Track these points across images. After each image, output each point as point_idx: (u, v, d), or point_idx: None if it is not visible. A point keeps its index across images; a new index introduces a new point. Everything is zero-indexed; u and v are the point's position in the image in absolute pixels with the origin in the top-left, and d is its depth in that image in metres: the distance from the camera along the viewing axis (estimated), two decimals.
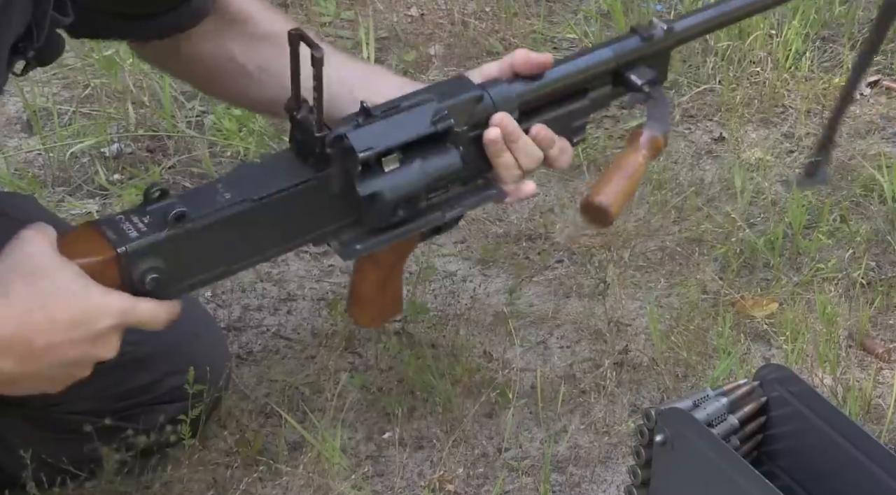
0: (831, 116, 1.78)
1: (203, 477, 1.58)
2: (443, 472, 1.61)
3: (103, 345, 1.25)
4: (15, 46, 1.29)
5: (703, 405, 1.35)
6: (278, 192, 1.32)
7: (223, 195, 1.31)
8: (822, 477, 1.34)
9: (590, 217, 1.43)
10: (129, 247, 1.25)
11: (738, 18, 1.63)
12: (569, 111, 1.48)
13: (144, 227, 1.26)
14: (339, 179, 1.34)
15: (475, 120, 1.41)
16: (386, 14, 2.62)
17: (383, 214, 1.37)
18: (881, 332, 1.86)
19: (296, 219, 1.35)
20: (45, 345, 1.21)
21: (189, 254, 1.29)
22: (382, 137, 1.34)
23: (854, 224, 2.05)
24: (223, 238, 1.31)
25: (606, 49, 1.48)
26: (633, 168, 1.43)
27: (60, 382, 1.27)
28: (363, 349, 1.80)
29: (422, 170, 1.37)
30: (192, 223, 1.27)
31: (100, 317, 1.24)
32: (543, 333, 1.86)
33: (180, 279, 1.30)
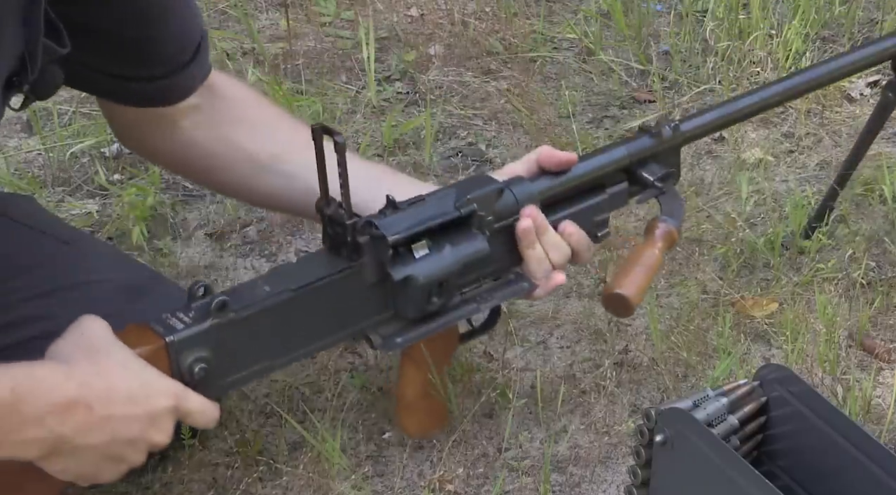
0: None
1: (203, 477, 1.58)
2: (443, 472, 1.61)
3: (159, 428, 1.27)
4: (9, 80, 1.29)
5: (703, 405, 1.35)
6: (316, 282, 1.39)
7: (263, 288, 1.38)
8: (822, 477, 1.34)
9: (612, 307, 1.52)
10: (178, 337, 1.31)
11: (738, 119, 1.74)
12: (589, 206, 1.57)
13: (190, 321, 1.33)
14: (373, 267, 1.41)
15: (499, 212, 1.48)
16: (386, 14, 2.62)
17: (418, 301, 1.43)
18: (881, 332, 1.86)
19: (334, 311, 1.41)
20: (104, 415, 1.23)
21: (233, 344, 1.35)
22: (410, 223, 1.41)
23: (854, 224, 2.05)
24: (265, 329, 1.37)
25: (621, 148, 1.59)
26: (650, 261, 1.53)
27: (112, 467, 1.27)
28: (363, 349, 1.80)
29: (452, 255, 1.44)
30: (235, 313, 1.34)
31: (158, 395, 1.27)
32: (543, 333, 1.86)
33: (226, 372, 1.36)
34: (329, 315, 1.42)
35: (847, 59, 1.79)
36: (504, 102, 2.37)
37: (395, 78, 2.47)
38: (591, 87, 2.45)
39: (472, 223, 1.46)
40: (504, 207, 1.49)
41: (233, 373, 1.37)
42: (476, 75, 2.45)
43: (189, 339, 1.32)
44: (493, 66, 2.48)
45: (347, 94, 2.39)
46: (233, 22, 2.62)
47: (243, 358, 1.37)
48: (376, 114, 2.34)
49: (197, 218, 2.08)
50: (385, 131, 2.24)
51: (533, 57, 2.51)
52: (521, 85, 2.41)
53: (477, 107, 2.38)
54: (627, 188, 1.60)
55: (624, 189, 1.60)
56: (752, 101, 1.71)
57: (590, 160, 1.58)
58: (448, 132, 2.32)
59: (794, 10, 2.52)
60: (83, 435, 1.23)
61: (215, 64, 1.58)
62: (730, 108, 1.69)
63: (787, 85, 1.75)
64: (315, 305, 1.40)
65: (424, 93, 2.40)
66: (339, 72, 2.46)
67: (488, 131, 2.32)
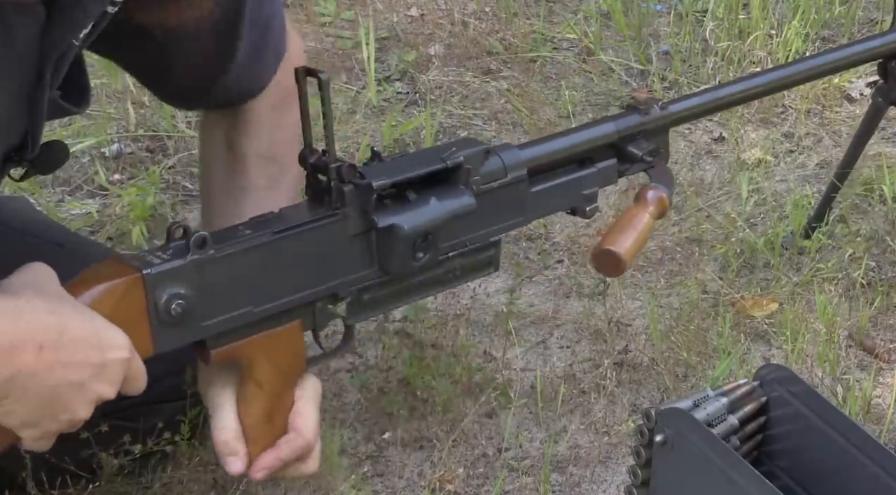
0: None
1: (203, 477, 1.58)
2: (443, 472, 1.61)
3: (108, 380, 1.23)
4: (8, 155, 1.28)
5: (703, 405, 1.35)
6: (297, 226, 1.35)
7: (244, 231, 1.34)
8: (822, 477, 1.34)
9: (601, 264, 1.48)
10: (155, 271, 1.26)
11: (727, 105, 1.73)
12: (578, 178, 1.54)
13: (168, 257, 1.28)
14: (357, 216, 1.37)
15: (486, 175, 1.45)
16: (386, 14, 2.63)
17: (403, 254, 1.39)
18: (881, 332, 1.86)
19: (316, 260, 1.37)
20: (54, 357, 1.18)
21: (212, 284, 1.30)
22: (395, 172, 1.37)
23: (854, 224, 2.05)
24: (244, 271, 1.32)
25: (609, 123, 1.57)
26: (641, 223, 1.49)
27: (55, 415, 1.22)
28: (363, 349, 1.80)
29: (438, 207, 1.40)
30: (214, 251, 1.29)
31: (113, 345, 1.22)
32: (543, 333, 1.86)
33: (204, 314, 1.31)
34: (310, 264, 1.37)
35: (840, 54, 1.79)
36: (504, 102, 2.38)
37: (395, 78, 2.47)
38: (591, 87, 2.45)
39: (460, 178, 1.42)
40: (491, 170, 1.46)
41: (211, 316, 1.31)
42: (476, 75, 2.45)
43: (167, 274, 1.27)
44: (493, 66, 2.48)
45: (347, 94, 2.39)
46: None
47: (222, 300, 1.32)
48: (376, 114, 2.34)
49: (197, 218, 2.08)
50: (385, 131, 2.24)
51: (533, 57, 2.51)
52: (521, 85, 2.41)
53: (477, 107, 2.38)
54: (617, 164, 1.57)
55: (613, 164, 1.57)
56: (742, 87, 1.70)
57: (578, 132, 1.57)
58: (448, 132, 2.32)
59: (794, 10, 2.53)
60: (32, 376, 1.17)
61: None
62: (719, 93, 1.68)
63: (778, 74, 1.74)
64: (296, 252, 1.35)
65: (424, 93, 2.40)
66: (339, 72, 2.46)
67: (488, 131, 2.32)
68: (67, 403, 1.22)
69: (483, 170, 1.45)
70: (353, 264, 1.40)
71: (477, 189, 1.44)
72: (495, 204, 1.47)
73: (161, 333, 1.28)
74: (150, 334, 1.27)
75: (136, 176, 2.13)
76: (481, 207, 1.44)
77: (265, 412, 1.40)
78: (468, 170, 1.42)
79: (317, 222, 1.36)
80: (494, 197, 1.47)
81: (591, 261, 1.51)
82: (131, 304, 1.26)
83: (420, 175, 1.39)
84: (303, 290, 1.38)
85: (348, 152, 2.18)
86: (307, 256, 1.37)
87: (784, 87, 1.81)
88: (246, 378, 1.39)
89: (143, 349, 1.27)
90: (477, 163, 1.44)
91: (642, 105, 1.58)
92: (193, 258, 1.28)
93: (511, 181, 1.47)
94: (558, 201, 1.55)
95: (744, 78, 1.75)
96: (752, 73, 1.75)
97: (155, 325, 1.27)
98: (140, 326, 1.26)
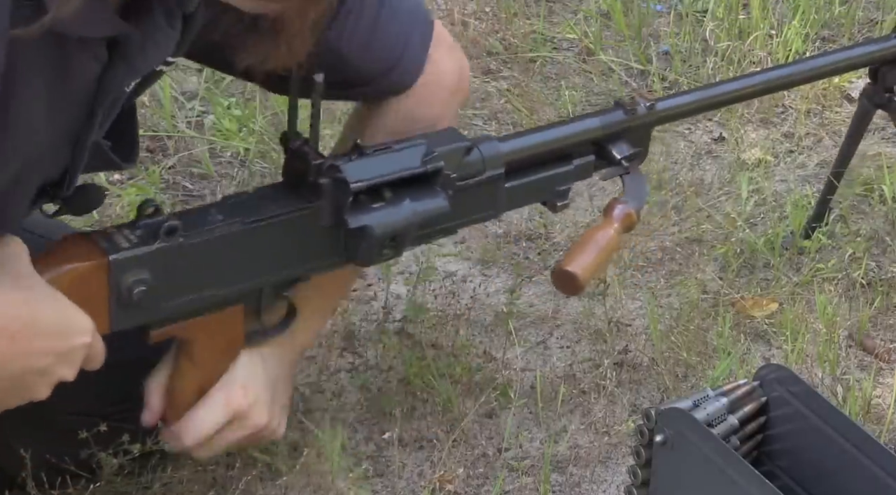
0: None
1: (203, 477, 1.58)
2: (443, 472, 1.61)
3: (70, 363, 1.24)
4: (44, 188, 1.28)
5: (703, 405, 1.35)
6: (269, 218, 1.35)
7: (216, 216, 1.33)
8: (822, 477, 1.34)
9: (560, 284, 1.48)
10: (121, 256, 1.27)
11: (716, 105, 1.74)
12: (553, 174, 1.53)
13: (136, 240, 1.28)
14: (330, 211, 1.36)
15: (465, 170, 1.44)
16: None
17: (370, 251, 1.38)
18: (881, 332, 1.86)
19: (284, 249, 1.37)
20: (25, 347, 1.19)
21: (177, 270, 1.30)
22: (374, 171, 1.37)
23: (854, 224, 2.05)
24: (210, 258, 1.32)
25: (594, 119, 1.56)
26: (605, 240, 1.50)
27: (16, 396, 1.24)
28: (363, 349, 1.80)
29: (411, 210, 1.39)
30: (183, 238, 1.29)
31: (77, 332, 1.24)
32: (543, 333, 1.86)
33: (165, 297, 1.31)
34: (278, 252, 1.37)
35: (834, 58, 1.79)
36: (504, 102, 2.37)
37: None
38: (591, 87, 2.45)
39: (437, 180, 1.41)
40: (470, 165, 1.45)
41: (172, 299, 1.32)
42: (476, 75, 2.45)
43: (132, 260, 1.27)
44: (493, 66, 2.48)
45: None
46: None
47: (185, 284, 1.32)
48: None
49: None
50: None
51: (533, 57, 2.51)
52: (521, 85, 2.41)
53: (477, 107, 2.38)
54: (594, 161, 1.56)
55: (590, 161, 1.56)
56: (731, 87, 1.70)
57: (561, 127, 1.57)
58: None
59: (794, 10, 2.52)
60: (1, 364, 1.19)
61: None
62: (708, 93, 1.68)
63: (770, 75, 1.74)
64: (265, 240, 1.35)
65: None
66: None
67: (488, 131, 2.32)
68: (29, 386, 1.24)
69: (462, 168, 1.44)
70: (321, 253, 1.40)
71: (453, 188, 1.43)
72: (469, 199, 1.47)
73: (119, 314, 1.29)
74: (107, 315, 1.29)
75: (136, 176, 2.13)
76: (454, 203, 1.43)
77: (197, 387, 1.41)
78: (447, 175, 1.42)
79: (289, 213, 1.36)
80: (469, 193, 1.46)
81: (552, 278, 1.50)
82: (94, 287, 1.27)
83: (398, 178, 1.38)
84: (267, 276, 1.39)
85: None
86: (275, 245, 1.37)
87: (777, 88, 1.81)
88: (182, 354, 1.40)
89: (99, 327, 1.28)
90: (456, 161, 1.43)
91: (628, 102, 1.57)
92: (161, 246, 1.28)
93: (487, 179, 1.47)
94: (530, 196, 1.54)
95: (735, 78, 1.75)
96: (745, 74, 1.75)
97: (114, 307, 1.29)
98: (99, 307, 1.28)
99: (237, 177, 2.14)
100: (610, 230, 1.50)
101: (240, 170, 2.16)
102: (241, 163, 2.17)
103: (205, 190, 2.11)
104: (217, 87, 2.34)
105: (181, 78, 2.39)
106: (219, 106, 2.22)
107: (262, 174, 2.14)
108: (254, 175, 2.14)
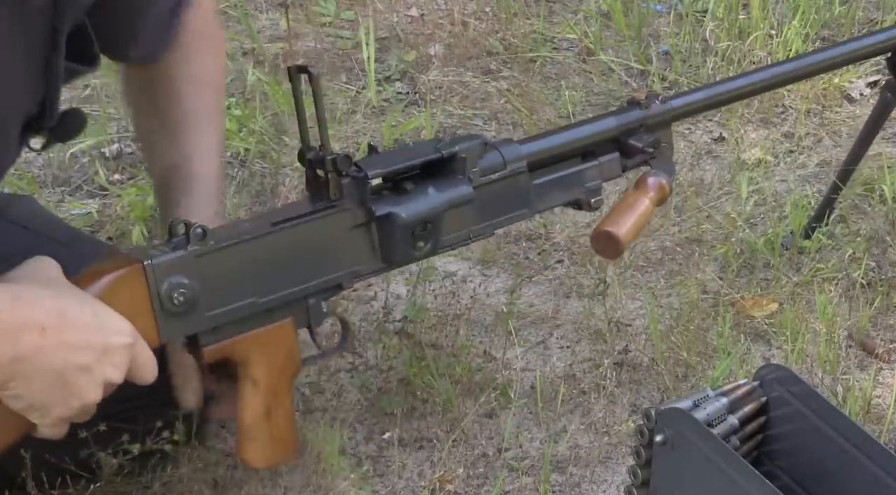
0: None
1: (203, 477, 1.58)
2: (443, 472, 1.61)
3: (112, 363, 1.25)
4: (28, 124, 1.29)
5: (703, 405, 1.35)
6: (295, 219, 1.37)
7: (244, 225, 1.37)
8: (822, 477, 1.34)
9: (601, 246, 1.48)
10: (156, 261, 1.29)
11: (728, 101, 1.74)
12: (580, 171, 1.55)
13: (169, 249, 1.31)
14: (355, 208, 1.39)
15: (485, 168, 1.46)
16: (386, 14, 2.63)
17: (403, 243, 1.40)
18: (881, 332, 1.86)
19: (317, 253, 1.39)
20: (58, 338, 1.20)
21: (213, 275, 1.33)
22: (390, 163, 1.40)
23: (854, 224, 2.05)
24: (245, 263, 1.35)
25: (610, 118, 1.58)
26: (641, 207, 1.50)
27: (65, 398, 1.24)
28: (363, 349, 1.80)
29: (436, 195, 1.42)
30: (215, 242, 1.32)
31: (114, 330, 1.25)
32: (543, 333, 1.86)
33: (209, 304, 1.33)
34: (312, 255, 1.39)
35: (843, 49, 1.78)
36: (504, 102, 2.37)
37: (395, 78, 2.47)
38: (591, 87, 2.45)
39: (456, 167, 1.44)
40: (490, 164, 1.47)
41: (215, 307, 1.34)
42: (476, 75, 2.45)
43: (167, 264, 1.30)
44: (493, 66, 2.48)
45: (347, 94, 2.39)
46: (233, 22, 2.62)
47: (225, 291, 1.35)
48: (376, 114, 2.34)
49: None
50: (385, 131, 2.24)
51: (533, 57, 2.51)
52: (521, 85, 2.41)
53: (477, 107, 2.38)
54: (620, 158, 1.59)
55: (616, 158, 1.58)
56: (744, 82, 1.70)
57: (579, 128, 1.58)
58: (448, 132, 2.32)
59: (794, 10, 2.53)
60: (37, 358, 1.20)
61: None
62: (721, 88, 1.69)
63: (780, 69, 1.74)
64: (296, 244, 1.38)
65: (424, 93, 2.40)
66: (339, 72, 2.46)
67: (488, 131, 2.32)
68: (75, 386, 1.24)
69: (482, 163, 1.46)
70: (355, 255, 1.41)
71: (476, 180, 1.45)
72: (497, 195, 1.48)
73: (166, 323, 1.31)
74: (154, 323, 1.31)
75: (136, 176, 2.13)
76: (482, 199, 1.46)
77: (263, 410, 1.42)
78: (464, 159, 1.44)
79: (315, 214, 1.38)
80: (495, 188, 1.48)
81: (591, 242, 1.50)
82: (135, 294, 1.29)
83: (415, 165, 1.41)
84: (306, 282, 1.40)
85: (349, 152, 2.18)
86: (308, 248, 1.38)
87: (787, 82, 1.80)
88: (242, 377, 1.41)
89: (150, 338, 1.30)
90: (474, 155, 1.45)
91: (643, 100, 1.59)
92: (193, 249, 1.31)
93: (510, 173, 1.49)
94: (562, 193, 1.55)
95: (746, 73, 1.75)
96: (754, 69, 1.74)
97: (159, 315, 1.31)
98: (145, 315, 1.30)
99: (237, 177, 2.14)
100: (646, 198, 1.51)
101: (240, 170, 2.16)
102: (241, 163, 2.17)
103: None
104: None
105: None
106: None
107: (263, 174, 2.14)
108: (254, 175, 2.14)
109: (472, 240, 1.49)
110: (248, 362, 1.40)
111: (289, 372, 1.43)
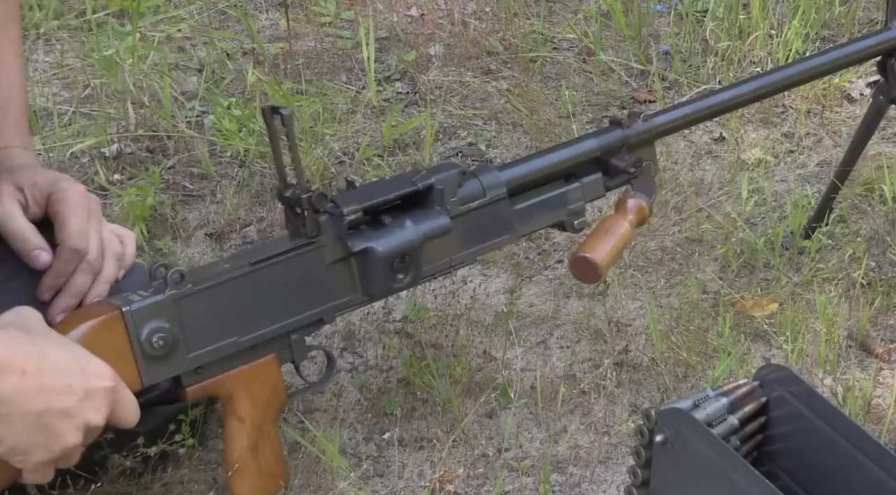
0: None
1: (203, 477, 1.58)
2: (443, 472, 1.61)
3: (94, 406, 1.24)
4: None
5: (703, 405, 1.35)
6: (273, 257, 1.39)
7: (223, 265, 1.39)
8: (822, 477, 1.34)
9: (578, 271, 1.50)
10: (134, 307, 1.32)
11: (714, 114, 1.73)
12: (561, 193, 1.57)
13: (148, 294, 1.33)
14: (333, 244, 1.41)
15: (464, 196, 1.48)
16: (386, 14, 2.63)
17: (381, 276, 1.42)
18: (881, 332, 1.86)
19: (296, 289, 1.41)
20: (38, 381, 1.20)
21: (193, 318, 1.35)
22: (367, 198, 1.42)
23: (854, 224, 2.05)
24: (225, 303, 1.37)
25: (592, 140, 1.58)
26: (620, 231, 1.52)
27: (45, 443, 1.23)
28: (363, 349, 1.80)
29: (412, 229, 1.43)
30: (193, 285, 1.34)
31: (94, 373, 1.25)
32: (543, 333, 1.86)
33: (190, 345, 1.35)
34: (292, 292, 1.41)
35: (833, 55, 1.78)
36: (504, 102, 2.37)
37: (395, 78, 2.47)
38: (591, 87, 2.45)
39: (434, 199, 1.45)
40: (469, 192, 1.49)
41: (196, 348, 1.36)
42: (476, 75, 2.45)
43: (146, 309, 1.32)
44: (493, 66, 2.48)
45: (347, 94, 2.39)
46: (233, 22, 2.63)
47: (205, 332, 1.36)
48: (376, 114, 2.34)
49: (197, 218, 2.08)
50: (385, 131, 2.24)
51: (533, 57, 2.51)
52: (521, 85, 2.41)
53: (477, 107, 2.38)
54: (602, 178, 1.59)
55: (598, 178, 1.59)
56: (727, 96, 1.70)
57: (559, 151, 1.58)
58: (448, 132, 2.32)
59: (794, 10, 2.53)
60: (17, 401, 1.19)
61: (215, 63, 1.58)
62: (705, 103, 1.68)
63: (764, 81, 1.73)
64: (276, 281, 1.39)
65: (424, 93, 2.40)
66: (339, 72, 2.46)
67: (488, 131, 2.32)
68: (55, 430, 1.23)
69: (461, 192, 1.48)
70: (336, 290, 1.43)
71: (454, 209, 1.47)
72: (478, 223, 1.50)
73: (148, 366, 1.33)
74: (136, 368, 1.33)
75: (136, 176, 2.13)
76: (463, 227, 1.48)
77: (250, 445, 1.44)
78: (441, 191, 1.45)
79: (293, 251, 1.40)
80: (476, 216, 1.50)
81: (569, 267, 1.53)
82: (115, 340, 1.31)
83: (390, 199, 1.43)
84: (287, 318, 1.42)
85: (349, 152, 2.18)
86: (288, 285, 1.40)
87: (776, 91, 1.80)
88: (228, 413, 1.43)
89: (132, 382, 1.32)
90: (452, 185, 1.47)
91: (625, 120, 1.59)
92: (171, 293, 1.33)
93: (490, 200, 1.51)
94: (545, 216, 1.57)
95: (733, 85, 1.74)
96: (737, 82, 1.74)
97: (141, 359, 1.33)
98: (126, 361, 1.32)
99: (237, 177, 2.14)
100: (624, 221, 1.52)
101: (240, 171, 2.16)
102: (241, 163, 2.17)
103: (205, 190, 2.11)
104: (217, 87, 2.34)
105: (181, 78, 2.39)
106: (219, 106, 2.22)
107: (262, 174, 2.14)
108: (254, 175, 2.14)
109: (454, 269, 1.52)
110: (233, 399, 1.42)
111: (274, 407, 1.45)
